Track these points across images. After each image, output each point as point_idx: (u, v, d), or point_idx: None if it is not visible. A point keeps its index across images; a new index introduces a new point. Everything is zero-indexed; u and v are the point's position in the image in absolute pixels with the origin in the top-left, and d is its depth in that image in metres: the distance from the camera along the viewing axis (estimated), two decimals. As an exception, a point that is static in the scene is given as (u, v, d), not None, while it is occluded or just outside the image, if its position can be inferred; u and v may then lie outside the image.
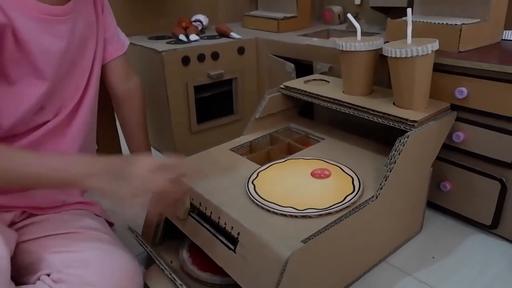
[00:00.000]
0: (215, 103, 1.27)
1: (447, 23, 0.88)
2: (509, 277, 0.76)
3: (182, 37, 1.21)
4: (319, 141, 0.92)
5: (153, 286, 0.73)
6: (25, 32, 0.63)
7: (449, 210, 0.92)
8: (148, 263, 0.81)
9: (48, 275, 0.63)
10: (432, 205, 0.94)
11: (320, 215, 0.65)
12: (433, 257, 0.82)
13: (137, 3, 1.32)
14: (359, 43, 0.84)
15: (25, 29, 0.63)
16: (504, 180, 0.81)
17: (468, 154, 0.85)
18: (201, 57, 1.15)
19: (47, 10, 0.67)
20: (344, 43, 0.85)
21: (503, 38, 0.96)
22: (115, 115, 0.98)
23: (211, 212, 0.70)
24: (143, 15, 1.35)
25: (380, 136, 0.91)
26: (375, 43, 0.84)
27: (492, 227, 0.86)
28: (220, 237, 0.68)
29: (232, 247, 0.65)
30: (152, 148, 1.12)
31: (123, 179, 0.57)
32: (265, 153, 0.89)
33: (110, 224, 0.84)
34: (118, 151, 1.09)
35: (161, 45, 1.15)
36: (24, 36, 0.63)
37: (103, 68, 0.85)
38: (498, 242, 0.85)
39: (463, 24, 0.86)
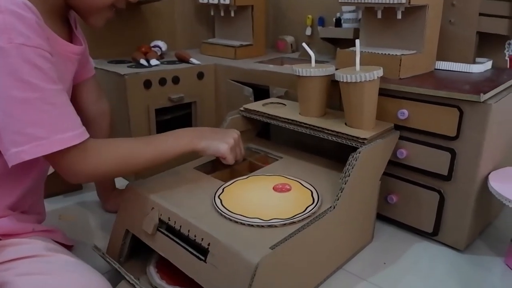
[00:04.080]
0: (175, 125, 1.29)
1: (389, 54, 0.99)
2: (449, 277, 0.85)
3: (143, 61, 1.25)
4: (278, 160, 0.99)
5: (123, 302, 0.73)
6: (56, 65, 0.67)
7: (396, 220, 1.01)
8: (115, 281, 0.81)
9: None
10: (381, 217, 1.02)
11: (285, 224, 0.70)
12: (384, 263, 0.89)
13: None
14: (313, 69, 0.93)
15: (56, 63, 0.67)
16: (442, 191, 0.91)
17: (410, 169, 0.95)
18: (162, 81, 1.19)
19: (72, 49, 0.76)
20: (301, 69, 0.93)
21: (436, 67, 1.09)
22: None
23: (180, 226, 0.73)
24: (102, 40, 1.37)
25: (331, 155, 0.99)
26: (328, 69, 0.93)
27: (433, 234, 0.95)
28: (190, 249, 0.71)
29: (202, 257, 0.68)
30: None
31: (223, 137, 0.82)
32: (228, 171, 0.94)
33: (69, 247, 0.84)
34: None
35: (122, 69, 1.18)
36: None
37: (76, 88, 0.87)
38: (439, 247, 0.95)
39: (402, 54, 0.98)
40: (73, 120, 0.66)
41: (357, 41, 0.88)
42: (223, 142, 0.81)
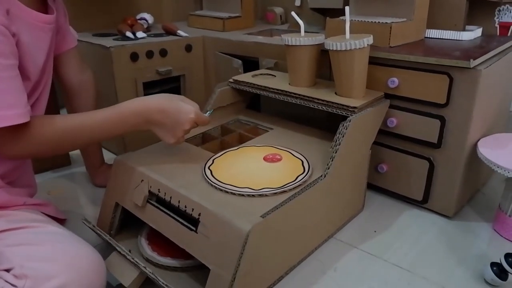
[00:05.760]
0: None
1: (379, 22, 0.98)
2: (439, 243, 0.86)
3: (129, 34, 1.22)
4: (268, 131, 0.98)
5: (116, 273, 0.73)
6: (23, 35, 0.67)
7: (386, 189, 1.02)
8: (105, 254, 0.81)
9: (7, 270, 0.59)
10: (371, 186, 1.03)
11: (275, 193, 0.70)
12: (375, 231, 0.90)
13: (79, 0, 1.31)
14: (303, 38, 0.91)
15: (24, 33, 0.67)
16: (432, 159, 0.91)
17: (400, 138, 0.95)
18: (149, 54, 1.17)
19: (42, 18, 0.73)
20: (290, 38, 0.91)
21: (426, 36, 1.07)
22: (65, 108, 0.98)
23: (170, 197, 0.73)
24: (86, 13, 1.34)
25: (321, 126, 0.99)
26: (317, 38, 0.91)
27: (423, 202, 0.96)
28: (181, 220, 0.71)
29: (193, 228, 0.68)
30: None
31: (172, 128, 0.73)
32: (218, 143, 0.93)
33: (62, 221, 0.83)
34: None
35: (108, 42, 1.14)
36: (22, 39, 0.66)
37: (58, 60, 0.86)
38: (429, 215, 0.96)
39: (392, 22, 0.96)
40: (19, 98, 0.63)
41: (347, 8, 0.86)
42: (169, 135, 0.74)
